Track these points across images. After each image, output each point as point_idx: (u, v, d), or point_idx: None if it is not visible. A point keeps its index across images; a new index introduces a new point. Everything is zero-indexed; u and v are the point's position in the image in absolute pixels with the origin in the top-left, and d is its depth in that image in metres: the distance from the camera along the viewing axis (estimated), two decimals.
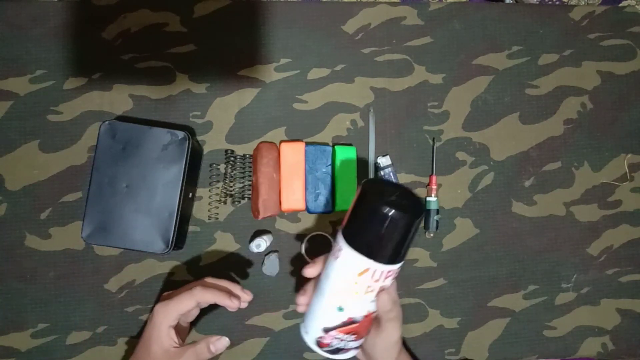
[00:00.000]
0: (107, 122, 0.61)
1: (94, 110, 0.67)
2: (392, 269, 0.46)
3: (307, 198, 0.66)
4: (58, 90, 0.67)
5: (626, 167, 0.74)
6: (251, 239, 0.67)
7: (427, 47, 0.72)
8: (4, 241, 0.65)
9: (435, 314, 0.70)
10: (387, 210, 0.43)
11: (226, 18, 0.69)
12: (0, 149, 0.66)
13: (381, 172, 0.69)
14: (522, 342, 0.71)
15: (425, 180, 0.71)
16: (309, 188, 0.66)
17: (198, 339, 0.56)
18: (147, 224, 0.60)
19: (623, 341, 0.72)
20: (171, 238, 0.60)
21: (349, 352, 0.51)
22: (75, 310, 0.65)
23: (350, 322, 0.48)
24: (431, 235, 0.70)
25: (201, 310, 0.62)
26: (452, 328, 0.70)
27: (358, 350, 0.52)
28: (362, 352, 0.54)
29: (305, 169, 0.66)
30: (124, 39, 0.68)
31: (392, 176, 0.69)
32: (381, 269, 0.45)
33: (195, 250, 0.67)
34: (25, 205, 0.66)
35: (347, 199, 0.66)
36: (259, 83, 0.69)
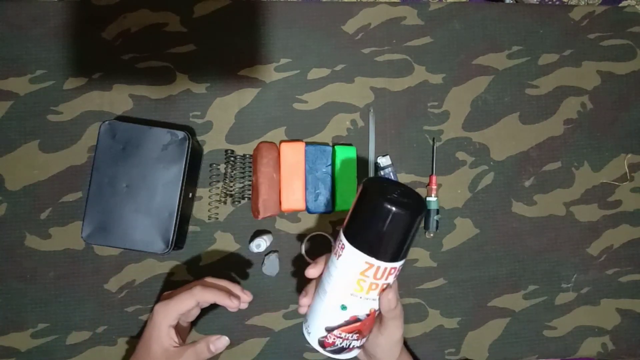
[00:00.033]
0: (107, 122, 0.61)
1: (94, 110, 0.67)
2: (395, 266, 0.46)
3: (307, 198, 0.66)
4: (58, 90, 0.67)
5: (626, 167, 0.74)
6: (251, 239, 0.67)
7: (427, 47, 0.72)
8: (4, 241, 0.65)
9: (435, 314, 0.70)
10: (389, 207, 0.43)
11: (226, 18, 0.69)
12: (0, 149, 0.66)
13: (381, 172, 0.69)
14: (522, 342, 0.71)
15: (425, 180, 0.71)
16: (309, 188, 0.66)
17: (198, 339, 0.56)
18: (147, 224, 0.60)
19: (623, 341, 0.72)
20: (171, 238, 0.60)
21: (352, 352, 0.51)
22: (75, 310, 0.65)
23: (354, 321, 0.48)
24: (431, 235, 0.70)
25: (201, 310, 0.62)
26: (452, 328, 0.70)
27: (360, 349, 0.52)
28: (364, 352, 0.54)
29: (305, 169, 0.66)
30: (124, 39, 0.68)
31: (392, 176, 0.69)
32: (384, 267, 0.46)
33: (195, 250, 0.67)
34: (25, 205, 0.66)
35: (347, 199, 0.66)
36: (259, 83, 0.69)
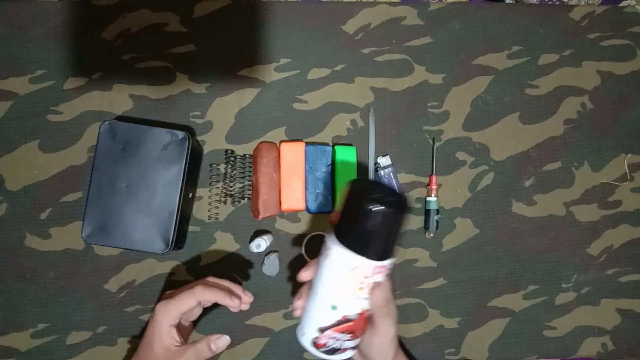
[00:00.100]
0: (107, 122, 0.61)
1: (94, 110, 0.67)
2: (381, 265, 0.47)
3: (307, 198, 0.66)
4: (58, 90, 0.67)
5: (626, 167, 0.74)
6: (251, 239, 0.67)
7: (427, 47, 0.72)
8: (4, 241, 0.65)
9: (435, 314, 0.70)
10: (371, 206, 0.44)
11: (226, 18, 0.69)
12: (0, 149, 0.66)
13: (381, 172, 0.69)
14: (522, 342, 0.71)
15: (425, 180, 0.71)
16: (309, 188, 0.66)
17: (198, 339, 0.57)
18: (147, 224, 0.60)
19: (623, 341, 0.72)
20: (171, 238, 0.60)
21: (346, 353, 0.51)
22: (75, 310, 0.65)
23: (345, 321, 0.48)
24: (431, 235, 0.70)
25: (202, 310, 0.62)
26: (452, 328, 0.70)
27: (355, 350, 0.52)
28: (359, 353, 0.54)
29: (305, 169, 0.66)
30: (124, 39, 0.68)
31: (392, 176, 0.69)
32: (371, 265, 0.47)
33: (195, 250, 0.67)
34: (25, 205, 0.66)
35: None
36: (259, 83, 0.69)
